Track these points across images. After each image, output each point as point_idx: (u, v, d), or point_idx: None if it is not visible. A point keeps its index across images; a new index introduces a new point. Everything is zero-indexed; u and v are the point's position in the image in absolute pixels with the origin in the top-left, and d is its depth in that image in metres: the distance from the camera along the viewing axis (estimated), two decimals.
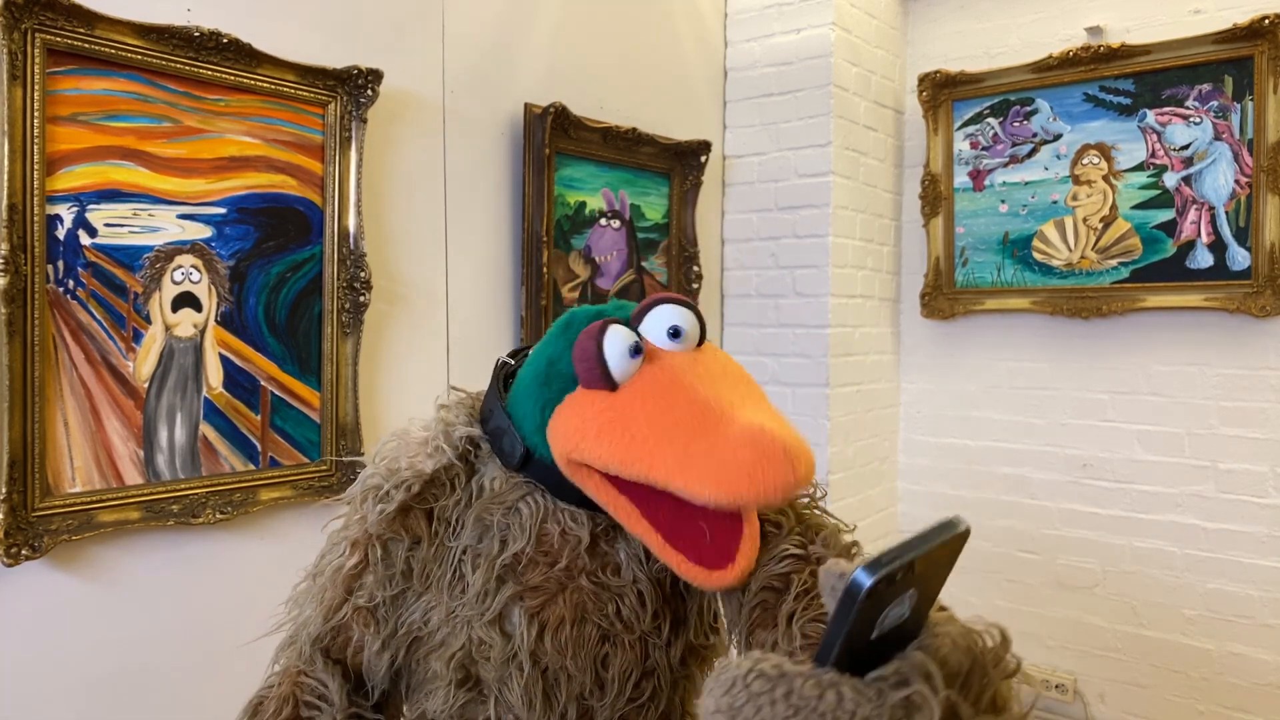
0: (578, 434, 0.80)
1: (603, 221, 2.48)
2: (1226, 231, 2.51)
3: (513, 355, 0.99)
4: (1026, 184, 2.82)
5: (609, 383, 0.80)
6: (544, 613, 0.83)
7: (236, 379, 1.72)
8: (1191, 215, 2.56)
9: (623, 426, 0.77)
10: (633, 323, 0.85)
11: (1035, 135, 2.80)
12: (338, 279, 1.85)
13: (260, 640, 1.05)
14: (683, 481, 0.73)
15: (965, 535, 0.52)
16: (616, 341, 0.80)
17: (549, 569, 0.84)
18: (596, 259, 2.46)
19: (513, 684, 0.81)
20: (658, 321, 0.83)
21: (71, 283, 1.50)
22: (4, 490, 1.41)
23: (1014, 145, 2.84)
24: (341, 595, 0.91)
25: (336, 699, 0.87)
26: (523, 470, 0.87)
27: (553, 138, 2.25)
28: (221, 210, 1.69)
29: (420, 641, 0.88)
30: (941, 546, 0.50)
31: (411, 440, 0.91)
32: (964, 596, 2.99)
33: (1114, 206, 2.68)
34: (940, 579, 0.53)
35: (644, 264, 2.62)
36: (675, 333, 0.82)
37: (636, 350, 0.80)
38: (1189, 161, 2.55)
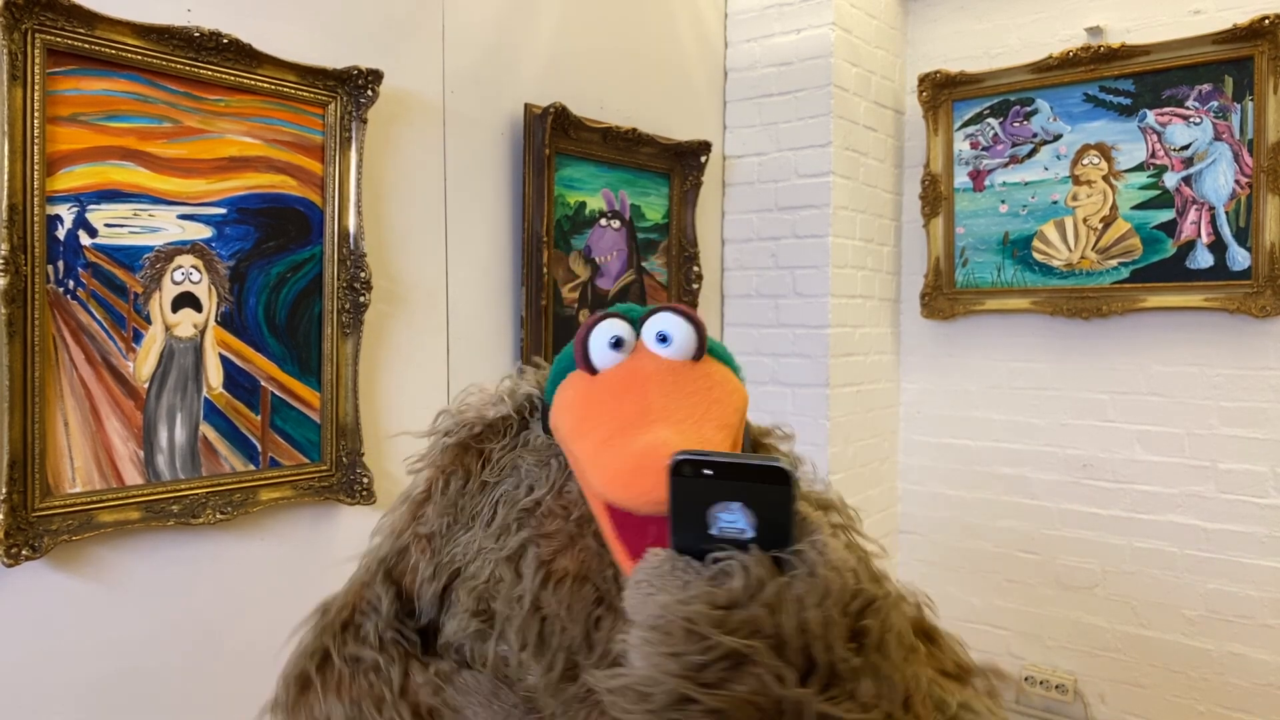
0: (555, 406, 0.91)
1: (603, 222, 2.48)
2: (1226, 232, 2.51)
3: None
4: (1026, 184, 2.82)
5: (589, 367, 0.90)
6: (553, 562, 0.88)
7: (236, 379, 1.72)
8: (1191, 215, 2.56)
9: (577, 406, 0.87)
10: (638, 323, 0.92)
11: (1035, 135, 2.80)
12: (338, 279, 1.85)
13: (257, 641, 1.05)
14: (586, 466, 0.81)
15: (786, 475, 0.65)
16: (602, 332, 0.90)
17: (564, 521, 0.90)
18: (596, 259, 2.46)
19: (514, 622, 0.87)
20: (651, 325, 0.91)
21: (71, 283, 1.50)
22: (4, 490, 1.41)
23: (1014, 145, 2.84)
24: (406, 520, 1.00)
25: (384, 611, 0.97)
26: (553, 436, 0.97)
27: (553, 138, 2.25)
28: (221, 210, 1.69)
29: (459, 573, 0.96)
30: (771, 484, 0.64)
31: (485, 393, 1.03)
32: (964, 597, 2.99)
33: (1114, 207, 2.68)
34: (783, 515, 0.65)
35: (644, 264, 2.62)
36: (663, 338, 0.89)
37: (617, 343, 0.89)
38: (1189, 162, 2.55)
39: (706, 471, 0.65)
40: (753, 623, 0.60)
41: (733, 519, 0.65)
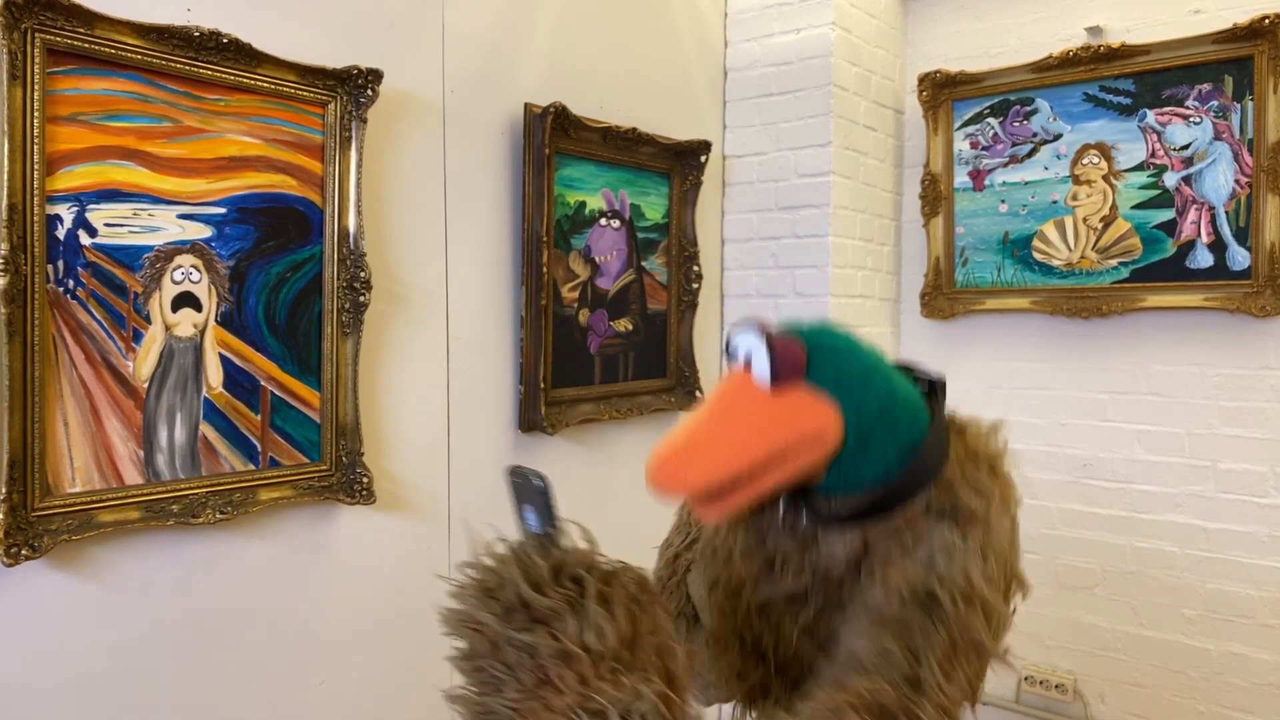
0: None
1: (603, 221, 2.48)
2: (1226, 231, 2.51)
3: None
4: (1026, 184, 2.82)
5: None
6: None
7: (236, 379, 1.72)
8: (1191, 215, 2.56)
9: None
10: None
11: (1035, 135, 2.80)
12: (338, 279, 1.85)
13: (257, 641, 1.06)
14: None
15: (518, 474, 0.86)
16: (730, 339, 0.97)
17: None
18: (596, 259, 2.46)
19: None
20: (735, 342, 0.96)
21: (71, 283, 1.50)
22: (4, 490, 1.41)
23: (1014, 145, 2.84)
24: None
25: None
26: None
27: (553, 138, 2.25)
28: (221, 210, 1.69)
29: None
30: (534, 491, 0.85)
31: None
32: None
33: (1114, 206, 2.68)
34: (551, 514, 0.85)
35: (644, 264, 2.62)
36: (744, 357, 0.93)
37: (733, 352, 0.95)
38: (1189, 161, 2.55)
39: (517, 479, 0.86)
40: (490, 581, 0.82)
41: (530, 515, 0.87)
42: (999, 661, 0.95)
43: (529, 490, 0.85)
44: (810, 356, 0.92)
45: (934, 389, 1.02)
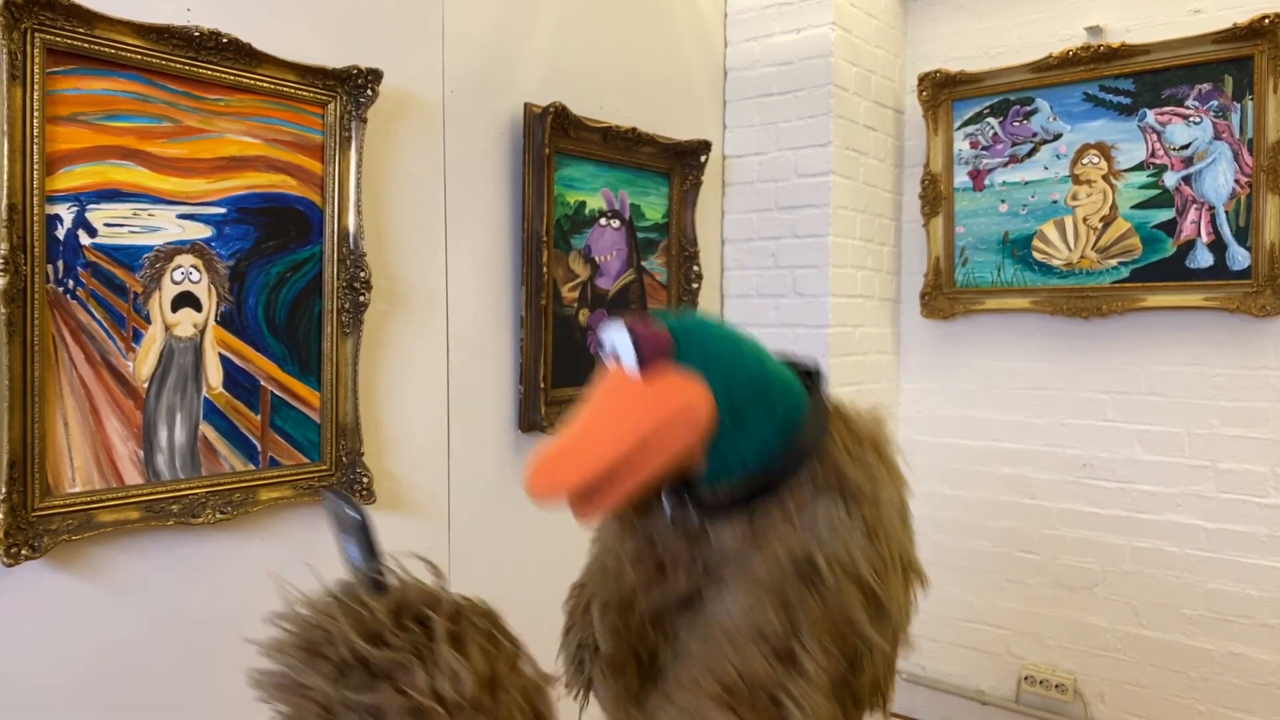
0: None
1: (603, 221, 2.48)
2: (1226, 231, 2.51)
3: None
4: (1026, 184, 2.82)
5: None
6: None
7: (236, 379, 1.72)
8: (1191, 215, 2.56)
9: None
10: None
11: (1035, 135, 2.80)
12: (338, 279, 1.85)
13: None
14: None
15: (332, 501, 0.78)
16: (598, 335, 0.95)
17: None
18: (596, 259, 2.46)
19: None
20: (601, 335, 0.94)
21: (71, 283, 1.50)
22: (4, 490, 1.41)
23: (1014, 145, 2.84)
24: None
25: None
26: None
27: (552, 137, 2.25)
28: (221, 210, 1.69)
29: None
30: (351, 523, 0.76)
31: None
32: (964, 597, 2.99)
33: (1114, 206, 2.68)
34: (370, 547, 0.76)
35: (644, 264, 2.62)
36: (600, 348, 0.92)
37: (599, 350, 0.93)
38: (1189, 161, 2.55)
39: (332, 508, 0.79)
40: (315, 636, 0.71)
41: (351, 549, 0.78)
42: (892, 653, 0.90)
43: (347, 522, 0.77)
44: (676, 338, 0.90)
45: (811, 375, 1.00)
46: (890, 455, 0.96)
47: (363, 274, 1.86)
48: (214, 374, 1.69)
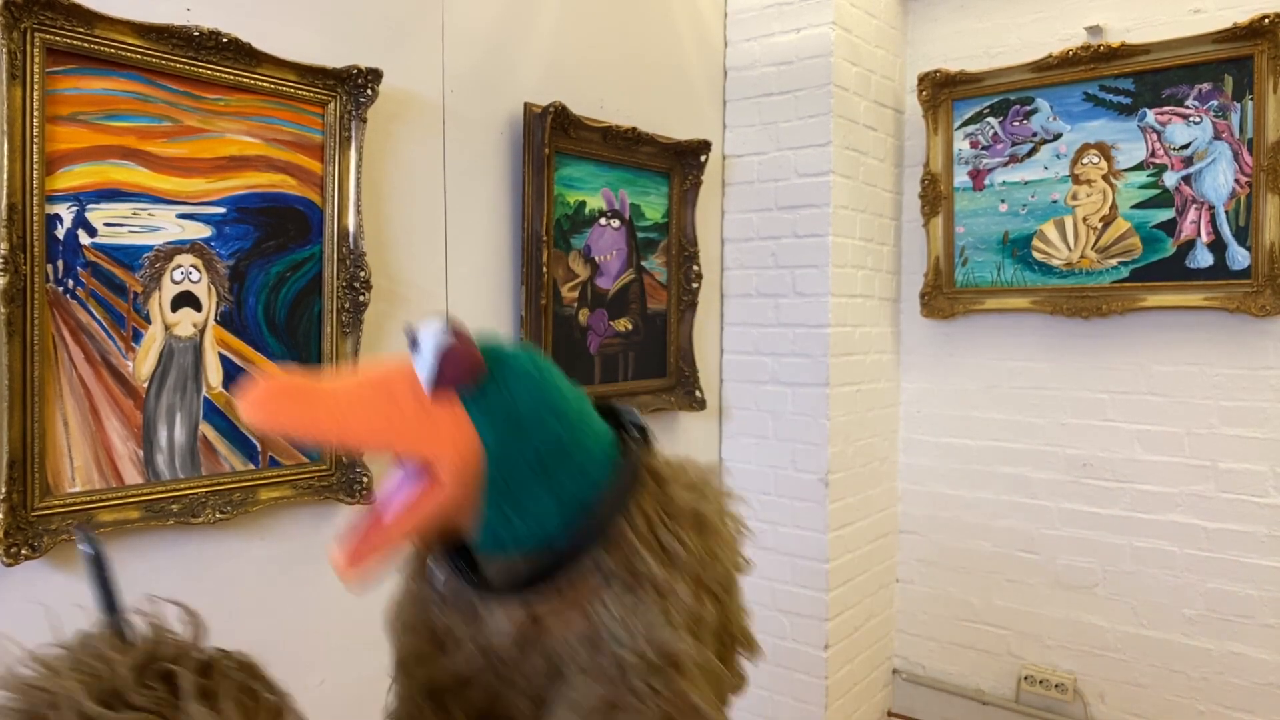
0: None
1: (603, 221, 2.48)
2: (1226, 231, 2.51)
3: None
4: (1026, 183, 2.82)
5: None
6: None
7: (236, 378, 1.72)
8: (1191, 215, 2.56)
9: None
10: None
11: (1035, 135, 2.80)
12: (337, 278, 1.85)
13: (257, 641, 1.05)
14: None
15: (81, 536, 0.74)
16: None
17: None
18: (596, 258, 2.46)
19: None
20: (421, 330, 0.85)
21: (71, 282, 1.50)
22: (4, 490, 1.41)
23: (1014, 145, 2.84)
24: None
25: None
26: None
27: (552, 137, 2.25)
28: (221, 210, 1.69)
29: None
30: (88, 560, 0.72)
31: None
32: (964, 597, 2.99)
33: (1114, 206, 2.68)
34: (109, 591, 0.73)
35: (644, 263, 2.62)
36: (409, 337, 0.83)
37: (408, 338, 0.83)
38: (1189, 161, 2.55)
39: (81, 545, 0.74)
40: (37, 702, 0.64)
41: (94, 588, 0.73)
42: None
43: (86, 559, 0.70)
44: (487, 377, 0.80)
45: (640, 436, 0.88)
46: (719, 528, 0.87)
47: (362, 274, 1.86)
48: (214, 374, 1.69)
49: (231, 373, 1.72)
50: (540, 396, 0.82)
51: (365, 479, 1.88)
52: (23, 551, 1.43)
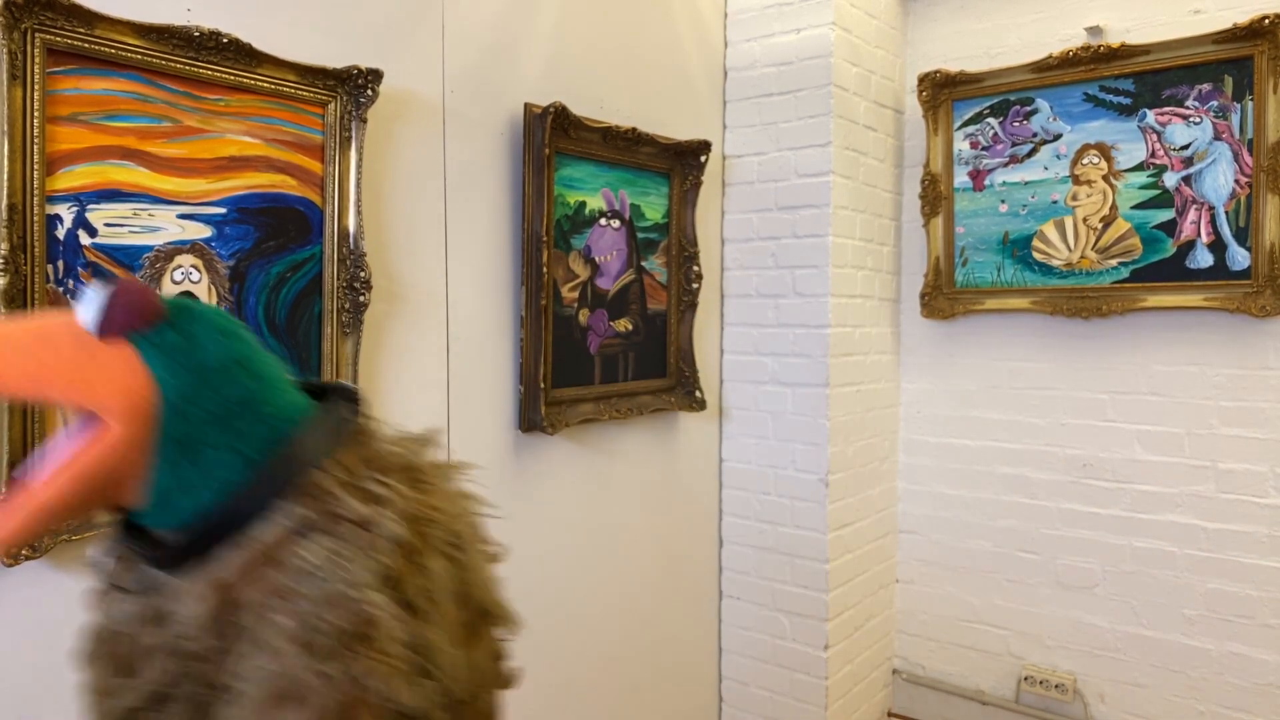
0: None
1: (603, 221, 2.48)
2: (1226, 231, 2.51)
3: None
4: (1026, 184, 2.82)
5: None
6: None
7: None
8: (1191, 215, 2.56)
9: None
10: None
11: (1035, 135, 2.80)
12: (338, 279, 1.85)
13: None
14: None
15: None
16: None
17: None
18: (596, 259, 2.46)
19: None
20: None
21: (71, 282, 1.50)
22: (4, 490, 1.41)
23: (1014, 145, 2.84)
24: None
25: None
26: None
27: (553, 137, 2.25)
28: (221, 210, 1.69)
29: None
30: None
31: None
32: (964, 597, 2.99)
33: (1114, 206, 2.68)
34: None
35: (644, 264, 2.62)
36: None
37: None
38: (1189, 161, 2.55)
39: None
40: None
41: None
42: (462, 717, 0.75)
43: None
44: (167, 319, 0.74)
45: (348, 402, 0.83)
46: (436, 484, 0.81)
47: (363, 274, 1.86)
48: None
49: None
50: (231, 349, 0.77)
51: None
52: (23, 551, 1.43)
